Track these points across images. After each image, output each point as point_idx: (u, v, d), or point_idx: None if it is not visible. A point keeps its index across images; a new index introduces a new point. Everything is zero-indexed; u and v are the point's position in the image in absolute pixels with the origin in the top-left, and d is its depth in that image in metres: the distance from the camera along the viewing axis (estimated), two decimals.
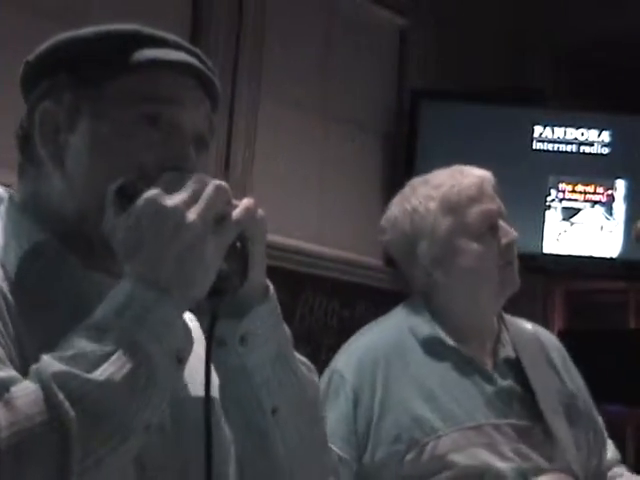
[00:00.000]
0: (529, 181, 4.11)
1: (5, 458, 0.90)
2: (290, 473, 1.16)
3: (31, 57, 1.18)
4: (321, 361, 3.99)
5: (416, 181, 2.17)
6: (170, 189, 1.04)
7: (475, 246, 2.05)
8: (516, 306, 2.19)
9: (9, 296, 1.05)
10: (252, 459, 1.17)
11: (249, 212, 1.08)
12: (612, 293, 4.61)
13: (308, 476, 1.19)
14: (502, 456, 1.96)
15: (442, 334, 2.05)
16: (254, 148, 3.68)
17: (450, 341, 2.04)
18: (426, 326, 2.07)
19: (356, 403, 1.99)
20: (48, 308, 1.07)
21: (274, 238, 3.72)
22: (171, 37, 1.19)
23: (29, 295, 1.07)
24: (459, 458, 1.94)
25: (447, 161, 2.21)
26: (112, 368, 0.95)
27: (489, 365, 2.06)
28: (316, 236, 3.93)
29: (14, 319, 1.04)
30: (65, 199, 1.13)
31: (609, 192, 4.21)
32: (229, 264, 1.07)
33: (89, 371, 0.95)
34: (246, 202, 1.09)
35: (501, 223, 2.06)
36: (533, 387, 2.04)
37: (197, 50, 1.21)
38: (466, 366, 2.04)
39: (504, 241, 2.04)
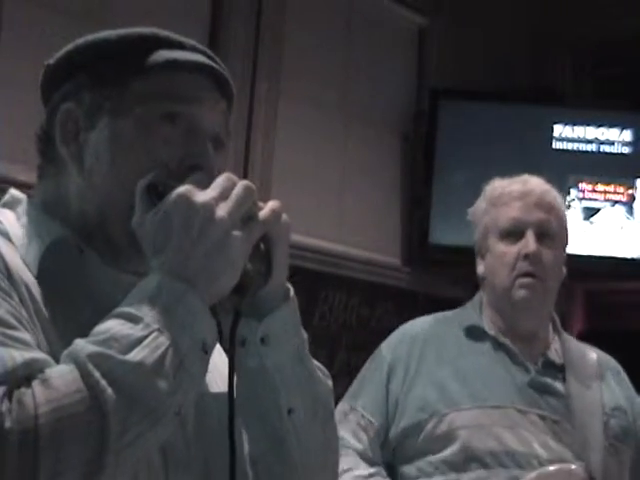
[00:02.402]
0: (549, 180, 4.11)
1: (44, 434, 0.91)
2: (303, 472, 1.18)
3: (52, 60, 1.20)
4: (340, 359, 4.04)
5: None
6: (200, 187, 1.06)
7: (498, 246, 2.10)
8: None
9: (32, 289, 1.07)
10: (266, 458, 1.18)
11: (275, 214, 1.10)
12: (633, 293, 4.59)
13: (318, 476, 1.21)
14: (523, 441, 1.99)
15: (486, 324, 2.12)
16: (273, 148, 3.68)
17: (492, 331, 2.11)
18: (473, 317, 2.16)
19: (390, 377, 2.10)
20: (70, 302, 1.09)
21: (293, 237, 3.71)
22: (188, 41, 1.21)
23: (51, 289, 1.08)
24: (477, 434, 1.98)
25: (466, 160, 2.25)
26: (144, 352, 0.97)
27: (529, 361, 2.09)
28: (335, 235, 3.93)
29: (38, 311, 1.05)
30: (85, 197, 1.15)
31: (629, 192, 4.19)
32: (253, 264, 1.08)
33: (123, 353, 0.97)
34: (272, 204, 1.11)
35: (529, 234, 2.07)
36: (570, 390, 2.06)
37: (212, 53, 1.23)
38: (503, 354, 2.09)
39: (523, 251, 2.07)
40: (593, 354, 2.20)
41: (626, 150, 4.21)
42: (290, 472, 1.17)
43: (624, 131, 4.21)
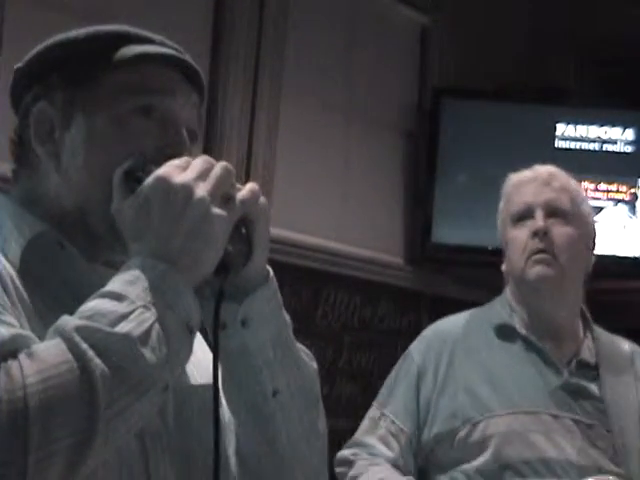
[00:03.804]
0: None
1: (33, 404, 0.91)
2: (290, 454, 1.18)
3: (21, 63, 1.21)
4: (343, 358, 4.03)
5: None
6: (178, 170, 1.07)
7: (512, 233, 2.07)
8: None
9: (15, 282, 1.08)
10: (253, 441, 1.19)
11: (254, 194, 1.11)
12: (635, 292, 4.59)
13: (305, 457, 1.21)
14: (557, 446, 1.95)
15: (516, 322, 2.08)
16: (276, 147, 3.68)
17: (522, 330, 2.06)
18: (503, 315, 2.11)
19: (419, 381, 2.07)
20: (52, 295, 1.10)
21: (296, 236, 3.72)
22: (157, 36, 1.22)
23: (33, 283, 1.09)
24: (509, 442, 1.95)
25: (469, 159, 2.25)
26: (131, 324, 0.98)
27: (561, 362, 2.04)
28: (338, 234, 3.93)
29: (22, 302, 1.07)
30: (63, 193, 1.16)
31: (632, 190, 4.18)
32: (234, 245, 1.09)
33: (110, 326, 0.98)
34: (250, 185, 1.12)
35: (538, 214, 2.05)
36: (605, 391, 2.02)
37: (181, 48, 1.24)
38: (534, 355, 2.05)
39: (532, 229, 2.05)
40: (625, 346, 2.15)
41: (629, 149, 4.20)
42: (277, 454, 1.18)
43: (627, 130, 4.20)
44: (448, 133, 4.15)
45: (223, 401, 1.19)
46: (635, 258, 4.15)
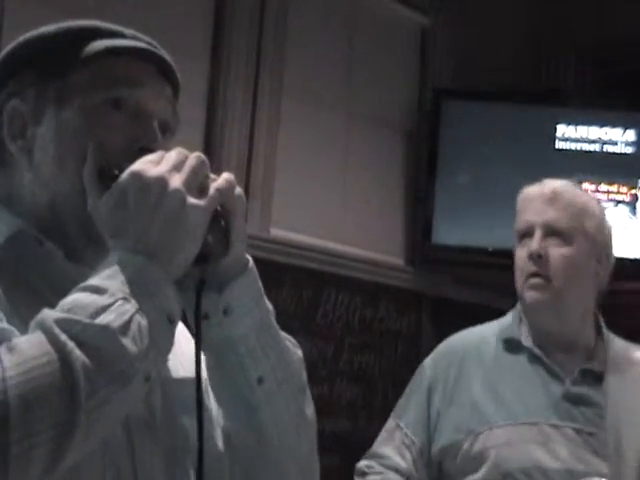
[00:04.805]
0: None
1: (13, 396, 0.91)
2: (278, 442, 1.18)
3: None
4: (343, 359, 4.03)
5: None
6: (152, 164, 1.07)
7: (516, 251, 2.11)
8: None
9: None
10: (240, 430, 1.18)
11: (230, 184, 1.11)
12: (635, 294, 4.58)
13: (294, 445, 1.20)
14: (556, 457, 1.96)
15: (523, 335, 2.09)
16: (276, 146, 3.68)
17: (528, 342, 2.07)
18: (511, 329, 2.12)
19: (430, 394, 2.09)
20: (32, 293, 1.10)
21: (297, 237, 3.72)
22: (129, 30, 1.22)
23: (13, 280, 1.09)
24: (508, 453, 1.96)
25: (469, 160, 2.24)
26: (111, 316, 0.98)
27: (566, 372, 2.05)
28: (338, 235, 3.93)
29: (1, 300, 1.06)
30: (36, 190, 1.16)
31: (632, 191, 4.18)
32: (212, 236, 1.09)
33: (90, 318, 0.97)
34: (225, 175, 1.12)
35: (536, 234, 2.05)
36: (607, 397, 2.02)
37: (155, 42, 1.23)
38: (538, 366, 2.06)
39: (527, 252, 2.06)
40: (639, 354, 2.15)
41: (629, 150, 4.20)
42: (266, 442, 1.18)
43: (627, 131, 4.20)
44: (448, 134, 4.15)
45: (210, 393, 1.19)
46: (635, 259, 4.15)
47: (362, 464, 2.17)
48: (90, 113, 1.14)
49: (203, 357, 1.14)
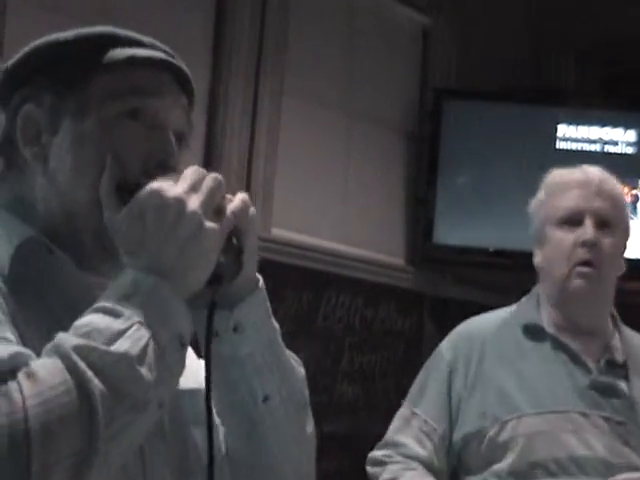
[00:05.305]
0: None
1: (34, 427, 0.91)
2: (277, 458, 1.19)
3: (9, 64, 1.20)
4: (344, 359, 4.03)
5: None
6: (171, 183, 1.07)
7: (556, 234, 2.07)
8: None
9: (4, 291, 1.07)
10: (242, 446, 1.19)
11: (245, 205, 1.11)
12: (637, 294, 4.58)
13: (295, 461, 1.21)
14: (587, 445, 1.95)
15: (544, 321, 2.08)
16: (277, 146, 3.68)
17: (550, 328, 2.06)
18: (531, 314, 2.10)
19: (451, 379, 2.06)
20: (42, 303, 1.10)
21: (298, 237, 3.72)
22: (147, 38, 1.21)
23: (23, 290, 1.09)
24: (538, 441, 1.94)
25: (470, 160, 2.23)
26: (128, 343, 0.98)
27: (590, 360, 2.04)
28: (339, 235, 3.93)
29: (12, 312, 1.06)
30: (50, 198, 1.15)
31: (634, 192, 4.18)
32: (225, 256, 1.09)
33: (107, 345, 0.97)
34: (241, 196, 1.12)
35: (587, 222, 2.05)
36: (634, 389, 2.02)
37: (171, 51, 1.23)
38: (563, 354, 2.04)
39: (581, 238, 2.04)
40: None
41: (630, 150, 4.20)
42: (265, 456, 1.19)
43: (628, 131, 4.20)
44: (449, 134, 4.15)
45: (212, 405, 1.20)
46: (637, 260, 4.15)
47: (378, 453, 2.11)
48: (108, 124, 1.14)
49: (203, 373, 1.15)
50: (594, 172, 2.14)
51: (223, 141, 3.51)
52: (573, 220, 2.06)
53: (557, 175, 2.15)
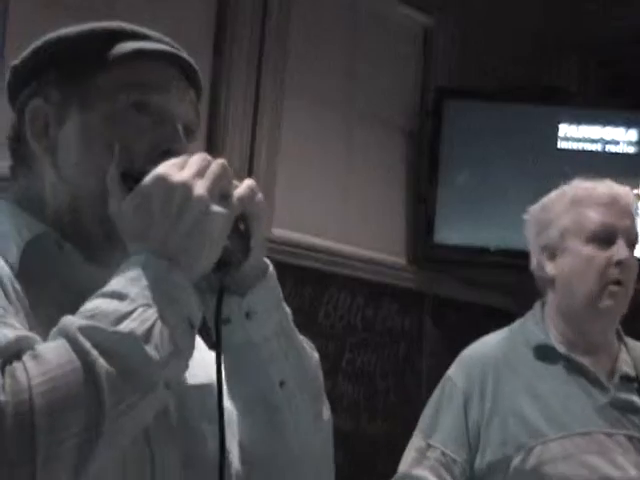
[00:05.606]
0: (554, 180, 4.09)
1: (39, 405, 0.92)
2: (299, 444, 1.19)
3: (17, 61, 1.21)
4: (345, 359, 4.02)
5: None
6: (176, 168, 1.07)
7: (584, 250, 2.04)
8: None
9: (15, 285, 1.08)
10: (261, 434, 1.19)
11: (252, 191, 1.12)
12: (636, 294, 4.57)
13: (313, 447, 1.22)
14: (616, 465, 1.93)
15: (554, 341, 2.04)
16: (278, 146, 3.68)
17: (562, 348, 2.03)
18: (539, 334, 2.07)
19: (467, 408, 2.00)
20: (51, 297, 1.10)
21: (299, 236, 3.72)
22: (154, 32, 1.22)
23: (33, 285, 1.10)
24: (568, 466, 1.91)
25: (471, 159, 2.21)
26: (134, 324, 0.99)
27: (604, 377, 2.02)
28: (340, 235, 3.93)
29: (22, 306, 1.07)
30: (58, 190, 1.16)
31: (635, 191, 4.16)
32: (232, 241, 1.09)
33: (113, 325, 0.98)
34: (248, 182, 1.12)
35: (620, 241, 2.03)
36: None
37: (178, 46, 1.23)
38: (578, 374, 2.02)
39: (615, 258, 2.02)
40: None
41: (631, 150, 4.20)
42: (286, 444, 1.19)
43: (629, 131, 4.20)
44: (450, 133, 4.15)
45: (225, 397, 1.19)
46: (638, 260, 4.15)
47: None
48: (115, 116, 1.14)
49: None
50: (618, 188, 2.13)
51: (224, 140, 3.51)
52: (604, 237, 2.04)
53: (582, 187, 2.12)
